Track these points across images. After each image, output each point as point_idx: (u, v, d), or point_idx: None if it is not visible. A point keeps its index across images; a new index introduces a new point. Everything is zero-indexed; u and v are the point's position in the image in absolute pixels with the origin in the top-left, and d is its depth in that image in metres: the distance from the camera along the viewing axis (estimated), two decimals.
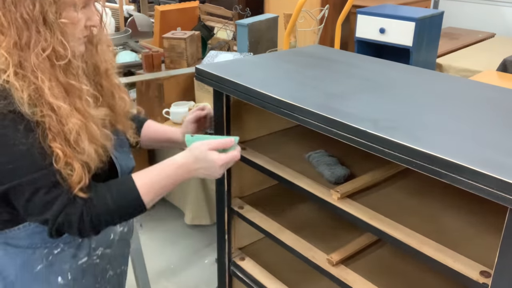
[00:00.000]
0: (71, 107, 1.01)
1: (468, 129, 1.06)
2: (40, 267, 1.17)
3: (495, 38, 4.22)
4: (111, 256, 1.29)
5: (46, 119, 0.98)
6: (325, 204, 1.28)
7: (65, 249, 1.18)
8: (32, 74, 0.97)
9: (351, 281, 1.29)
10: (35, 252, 1.16)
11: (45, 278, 1.18)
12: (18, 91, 0.96)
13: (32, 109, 0.97)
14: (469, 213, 1.23)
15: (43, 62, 0.98)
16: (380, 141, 1.00)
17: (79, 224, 1.03)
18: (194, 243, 2.84)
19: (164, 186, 1.12)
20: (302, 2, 2.69)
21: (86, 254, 1.22)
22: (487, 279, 0.98)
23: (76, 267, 1.21)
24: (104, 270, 1.28)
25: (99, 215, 1.05)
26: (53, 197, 1.01)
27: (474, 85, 1.41)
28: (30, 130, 0.98)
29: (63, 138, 1.00)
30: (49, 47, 0.98)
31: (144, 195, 1.09)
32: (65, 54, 1.00)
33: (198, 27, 3.29)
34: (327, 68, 1.49)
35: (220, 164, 1.13)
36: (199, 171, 1.14)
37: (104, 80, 1.20)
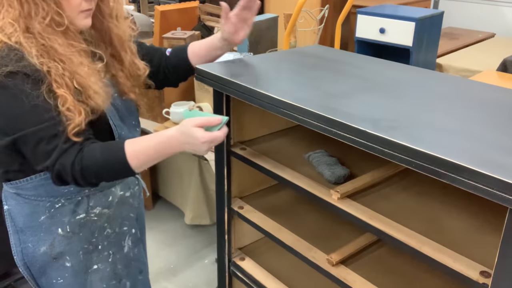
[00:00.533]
0: (76, 61, 1.18)
1: (468, 129, 1.06)
2: (43, 217, 1.33)
3: (495, 38, 4.22)
4: (109, 216, 1.41)
5: (53, 70, 1.14)
6: (325, 204, 1.27)
7: (65, 204, 1.33)
8: (39, 37, 1.15)
9: (351, 281, 1.29)
10: (39, 204, 1.32)
11: (47, 227, 1.34)
12: (26, 48, 1.13)
13: (40, 59, 1.13)
14: (469, 213, 1.23)
15: (45, 27, 1.16)
16: (380, 141, 1.00)
17: (72, 172, 1.15)
18: (194, 243, 2.84)
19: (151, 156, 1.20)
20: (302, 2, 2.69)
21: (84, 211, 1.36)
22: (487, 279, 0.98)
23: (74, 221, 1.35)
24: (102, 228, 1.41)
25: (88, 166, 1.16)
26: (52, 147, 1.15)
27: (474, 85, 1.41)
28: (36, 86, 1.13)
29: (67, 86, 1.15)
30: (48, 16, 1.16)
31: (130, 158, 1.17)
32: (62, 21, 1.17)
33: (198, 27, 3.30)
34: (327, 68, 1.49)
35: (202, 141, 1.16)
36: (185, 146, 1.19)
37: (121, 50, 1.35)
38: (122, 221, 1.46)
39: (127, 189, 1.46)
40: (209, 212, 2.68)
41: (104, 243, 1.43)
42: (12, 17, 1.15)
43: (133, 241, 1.52)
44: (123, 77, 1.37)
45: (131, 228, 1.50)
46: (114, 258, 1.46)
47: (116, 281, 1.48)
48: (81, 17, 1.23)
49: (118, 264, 1.48)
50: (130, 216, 1.49)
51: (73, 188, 1.32)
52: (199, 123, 1.17)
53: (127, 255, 1.51)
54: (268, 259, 1.72)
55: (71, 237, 1.36)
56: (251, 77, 1.38)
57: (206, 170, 2.56)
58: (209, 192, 2.63)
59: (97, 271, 1.43)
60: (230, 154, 1.55)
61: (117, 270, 1.48)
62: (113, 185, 1.41)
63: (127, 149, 1.18)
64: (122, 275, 1.49)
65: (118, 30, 1.34)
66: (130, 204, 1.49)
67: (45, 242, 1.35)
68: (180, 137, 1.18)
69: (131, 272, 1.53)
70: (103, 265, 1.44)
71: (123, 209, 1.46)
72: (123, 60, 1.37)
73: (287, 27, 2.87)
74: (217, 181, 1.63)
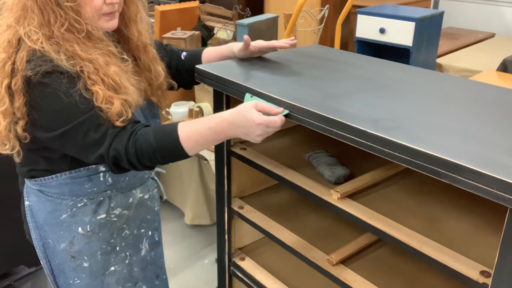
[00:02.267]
0: (105, 61, 1.20)
1: (468, 129, 1.06)
2: (65, 216, 1.35)
3: (495, 38, 4.22)
4: (128, 217, 1.43)
5: (85, 69, 1.16)
6: (325, 204, 1.28)
7: (87, 204, 1.35)
8: (62, 42, 1.17)
9: (351, 281, 1.29)
10: (62, 202, 1.34)
11: (68, 226, 1.36)
12: (53, 53, 1.15)
13: (70, 61, 1.15)
14: (469, 213, 1.23)
15: (65, 33, 1.17)
16: (380, 141, 1.00)
17: (127, 155, 1.16)
18: (194, 243, 2.84)
19: (205, 137, 1.18)
20: (302, 2, 2.69)
21: (105, 212, 1.37)
22: (487, 279, 0.98)
23: (95, 221, 1.37)
24: (121, 229, 1.42)
25: (142, 149, 1.16)
26: (102, 134, 1.16)
27: (474, 85, 1.41)
28: (72, 82, 1.15)
29: (102, 83, 1.17)
30: (66, 22, 1.17)
31: (183, 140, 1.17)
32: (81, 28, 1.18)
33: (198, 27, 3.30)
34: (327, 68, 1.49)
35: (257, 122, 1.13)
36: (239, 130, 1.16)
37: (142, 54, 1.37)
38: (140, 223, 1.48)
39: (147, 191, 1.48)
40: (209, 212, 2.68)
41: (122, 244, 1.44)
42: (35, 24, 1.17)
43: (150, 244, 1.53)
44: (144, 80, 1.38)
45: (148, 230, 1.51)
46: (131, 260, 1.47)
47: (131, 284, 1.48)
48: (104, 20, 1.24)
49: (135, 267, 1.48)
50: (147, 218, 1.50)
51: (96, 188, 1.33)
52: (260, 107, 1.16)
53: (144, 258, 1.51)
54: (268, 259, 1.72)
55: (90, 236, 1.37)
56: (251, 77, 1.38)
57: (206, 170, 2.55)
58: (209, 192, 2.63)
59: (114, 273, 1.44)
60: (230, 154, 1.55)
61: (133, 272, 1.48)
62: (134, 187, 1.43)
63: (180, 130, 1.17)
64: (138, 278, 1.49)
65: (137, 34, 1.35)
66: (148, 207, 1.50)
67: (65, 240, 1.37)
68: (236, 119, 1.16)
69: (148, 275, 1.53)
70: (120, 266, 1.44)
71: (142, 211, 1.47)
72: (144, 64, 1.38)
73: (287, 27, 2.87)
74: (217, 181, 1.63)
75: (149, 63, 1.38)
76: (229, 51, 1.54)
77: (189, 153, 1.19)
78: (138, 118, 1.31)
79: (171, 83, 1.51)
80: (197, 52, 1.57)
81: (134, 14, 1.34)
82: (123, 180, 1.38)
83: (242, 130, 1.16)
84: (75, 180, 1.30)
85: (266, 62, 1.51)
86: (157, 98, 1.43)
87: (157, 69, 1.40)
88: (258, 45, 1.48)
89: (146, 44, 1.38)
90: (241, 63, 1.49)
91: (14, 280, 2.42)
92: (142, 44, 1.36)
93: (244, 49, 1.49)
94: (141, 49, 1.36)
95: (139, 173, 1.41)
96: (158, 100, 1.44)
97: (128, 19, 1.33)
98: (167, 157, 1.20)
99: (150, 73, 1.39)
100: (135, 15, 1.34)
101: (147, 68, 1.38)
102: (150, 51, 1.39)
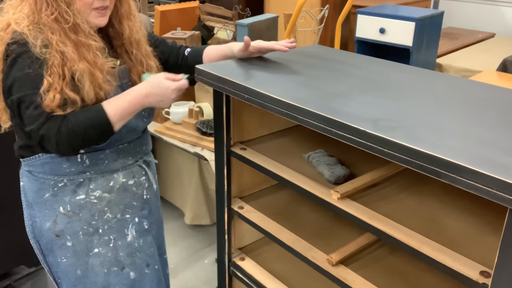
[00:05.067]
0: (79, 55, 1.29)
1: (467, 129, 1.06)
2: (48, 195, 1.43)
3: (495, 38, 4.23)
4: (110, 200, 1.48)
5: (52, 58, 1.26)
6: (325, 204, 1.28)
7: (67, 184, 1.43)
8: (44, 29, 1.27)
9: (350, 281, 1.29)
10: (45, 182, 1.43)
11: (51, 205, 1.44)
12: (30, 38, 1.26)
13: (43, 49, 1.26)
14: (469, 213, 1.23)
15: (51, 22, 1.28)
16: (380, 141, 1.00)
17: (57, 136, 1.25)
18: (194, 243, 2.84)
19: (126, 109, 1.31)
20: (302, 2, 2.69)
21: (84, 193, 1.44)
22: (487, 279, 0.98)
23: (75, 201, 1.44)
24: (102, 211, 1.47)
25: (74, 127, 1.26)
26: (38, 113, 1.25)
27: (474, 85, 1.41)
28: (36, 63, 1.26)
29: (60, 76, 1.26)
30: (55, 12, 1.27)
31: (109, 114, 1.29)
32: (69, 19, 1.28)
33: (198, 27, 3.30)
34: (327, 68, 1.49)
35: (172, 88, 1.32)
36: (154, 98, 1.33)
37: (134, 49, 1.45)
38: (124, 208, 1.51)
39: (131, 177, 1.52)
40: (209, 212, 2.68)
41: (104, 227, 1.48)
42: (26, 11, 1.29)
43: (138, 231, 1.54)
44: (135, 73, 1.46)
45: (134, 216, 1.53)
46: (116, 244, 1.50)
47: (118, 268, 1.50)
48: (94, 15, 1.33)
49: (120, 252, 1.51)
50: (133, 204, 1.53)
51: (74, 169, 1.41)
52: (168, 76, 1.34)
53: (131, 244, 1.53)
54: (268, 259, 1.72)
55: (71, 216, 1.44)
56: (251, 77, 1.38)
57: (206, 170, 2.56)
58: (209, 192, 2.63)
59: (98, 255, 1.48)
60: (230, 154, 1.55)
61: (119, 257, 1.50)
62: (116, 171, 1.48)
63: (105, 106, 1.30)
64: (124, 263, 1.51)
65: (129, 30, 1.44)
66: (134, 193, 1.53)
67: (50, 219, 1.44)
68: (151, 90, 1.32)
69: (136, 262, 1.54)
70: (104, 249, 1.48)
71: (126, 196, 1.51)
72: (137, 58, 1.46)
73: (287, 27, 2.87)
74: (217, 181, 1.63)
75: (141, 58, 1.47)
76: (229, 51, 1.56)
77: (115, 126, 1.31)
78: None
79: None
80: (199, 50, 1.62)
81: (126, 12, 1.43)
82: (102, 163, 1.44)
83: (158, 98, 1.33)
84: (55, 160, 1.39)
85: (266, 62, 1.51)
86: None
87: (149, 63, 1.49)
88: (258, 45, 1.50)
89: (139, 40, 1.47)
90: (241, 63, 1.50)
91: (14, 280, 2.42)
92: (135, 39, 1.45)
93: (243, 50, 1.51)
94: (133, 45, 1.45)
95: (120, 158, 1.47)
96: None
97: (121, 16, 1.43)
98: (97, 133, 1.29)
99: (142, 67, 1.47)
100: (128, 13, 1.44)
101: (139, 62, 1.46)
102: (142, 47, 1.48)
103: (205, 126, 2.56)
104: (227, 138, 1.54)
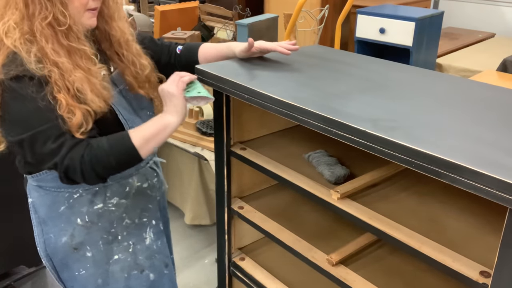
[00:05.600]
0: (73, 64, 1.21)
1: (468, 129, 1.06)
2: (63, 208, 1.38)
3: (495, 38, 4.23)
4: (127, 206, 1.45)
5: (52, 74, 1.18)
6: (325, 204, 1.28)
7: (83, 195, 1.38)
8: (38, 39, 1.19)
9: (351, 281, 1.29)
10: (59, 195, 1.37)
11: (67, 218, 1.39)
12: (24, 53, 1.17)
13: (38, 65, 1.17)
14: (469, 213, 1.23)
15: (45, 28, 1.19)
16: (380, 141, 1.00)
17: (81, 165, 1.19)
18: (194, 243, 2.84)
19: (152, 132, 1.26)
20: (302, 2, 2.69)
21: (102, 201, 1.40)
22: (487, 279, 0.98)
23: (93, 211, 1.39)
24: (120, 218, 1.44)
25: (97, 155, 1.20)
26: (59, 144, 1.19)
27: (474, 85, 1.41)
28: (40, 87, 1.18)
29: (67, 90, 1.19)
30: (50, 15, 1.18)
31: (134, 139, 1.23)
32: (65, 21, 1.20)
33: (198, 27, 3.30)
34: (327, 68, 1.49)
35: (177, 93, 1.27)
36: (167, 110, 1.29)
37: (125, 50, 1.39)
38: (141, 212, 1.49)
39: (145, 180, 1.49)
40: (209, 212, 2.68)
41: (123, 233, 1.45)
42: (15, 19, 1.19)
43: (155, 233, 1.54)
44: (129, 74, 1.41)
45: (151, 219, 1.53)
46: (135, 248, 1.48)
47: (138, 271, 1.49)
48: (87, 16, 1.27)
49: (140, 255, 1.49)
50: (149, 207, 1.52)
51: None
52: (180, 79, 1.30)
53: (150, 247, 1.52)
54: (268, 259, 1.72)
55: (90, 227, 1.40)
56: (251, 77, 1.38)
57: (206, 170, 2.55)
58: (209, 192, 2.63)
59: (118, 261, 1.46)
60: (230, 154, 1.55)
61: (138, 260, 1.49)
62: (130, 176, 1.44)
63: (130, 132, 1.25)
64: (144, 266, 1.50)
65: (118, 31, 1.38)
66: (149, 196, 1.51)
67: (66, 233, 1.39)
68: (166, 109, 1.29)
69: (155, 264, 1.53)
70: (124, 255, 1.46)
71: (141, 200, 1.49)
72: (128, 59, 1.40)
73: (287, 27, 2.87)
74: (217, 181, 1.63)
75: (132, 58, 1.41)
76: (229, 51, 1.54)
77: (141, 152, 1.24)
78: (122, 108, 1.36)
79: (160, 77, 1.52)
80: (193, 47, 1.57)
81: (113, 12, 1.37)
82: None
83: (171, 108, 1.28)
84: None
85: (266, 62, 1.51)
86: (145, 91, 1.45)
87: (141, 62, 1.43)
88: (260, 46, 1.48)
89: (128, 40, 1.41)
90: (241, 63, 1.49)
91: (14, 280, 2.42)
92: (124, 40, 1.39)
93: (246, 51, 1.49)
94: (123, 46, 1.39)
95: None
96: (146, 93, 1.45)
97: (109, 17, 1.36)
98: (121, 159, 1.24)
99: (135, 67, 1.41)
100: (115, 13, 1.37)
101: (131, 63, 1.41)
102: (132, 47, 1.42)
103: (205, 126, 2.56)
104: (227, 138, 1.54)
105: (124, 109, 1.36)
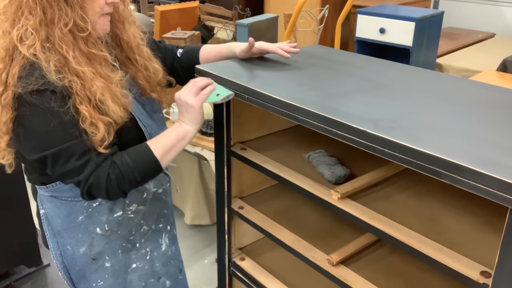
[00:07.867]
0: (94, 72, 1.17)
1: (468, 129, 1.06)
2: (82, 217, 1.35)
3: (495, 38, 4.23)
4: (145, 212, 1.44)
5: (73, 84, 1.13)
6: (325, 204, 1.27)
7: (102, 203, 1.35)
8: (57, 46, 1.13)
9: (351, 281, 1.29)
10: (77, 204, 1.33)
11: (86, 227, 1.35)
12: (44, 62, 1.11)
13: (59, 75, 1.12)
14: (469, 213, 1.22)
15: (66, 35, 1.13)
16: (380, 141, 1.00)
17: (107, 183, 1.18)
18: (194, 243, 2.84)
19: (171, 141, 1.25)
20: (302, 2, 2.69)
21: (121, 209, 1.38)
22: (487, 279, 0.98)
23: (112, 220, 1.37)
24: (139, 225, 1.43)
25: (122, 172, 1.19)
26: (84, 162, 1.16)
27: (474, 85, 1.41)
28: (63, 101, 1.13)
29: (88, 101, 1.15)
30: (71, 21, 1.13)
31: (155, 150, 1.23)
32: (85, 27, 1.15)
33: (198, 27, 3.30)
34: (327, 68, 1.49)
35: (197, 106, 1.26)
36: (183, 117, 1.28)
37: (137, 54, 1.37)
38: (157, 218, 1.49)
39: (160, 185, 1.48)
40: (209, 212, 2.68)
41: (141, 240, 1.45)
42: (32, 25, 1.11)
43: (170, 239, 1.54)
44: (141, 78, 1.38)
45: (166, 225, 1.53)
46: (152, 256, 1.48)
47: (154, 279, 1.49)
48: (102, 21, 1.23)
49: (156, 262, 1.49)
50: (164, 212, 1.52)
51: None
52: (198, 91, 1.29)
53: (165, 253, 1.52)
54: (268, 259, 1.72)
55: (109, 235, 1.38)
56: (251, 77, 1.38)
57: (206, 170, 2.56)
58: (209, 192, 2.63)
59: (136, 269, 1.45)
60: (230, 154, 1.55)
61: (155, 268, 1.48)
62: (147, 182, 1.41)
63: (150, 144, 1.24)
64: (160, 273, 1.50)
65: (130, 35, 1.36)
66: (163, 201, 1.51)
67: (84, 243, 1.36)
68: (184, 118, 1.27)
69: (171, 270, 1.53)
70: (142, 263, 1.45)
71: (157, 206, 1.48)
72: (141, 63, 1.38)
73: (287, 27, 2.87)
74: (217, 181, 1.63)
75: (145, 62, 1.39)
76: (229, 51, 1.53)
77: (162, 163, 1.24)
78: (140, 114, 1.33)
79: (169, 80, 1.51)
80: (194, 50, 1.56)
81: (125, 17, 1.34)
82: None
83: (186, 116, 1.27)
84: None
85: (265, 62, 1.51)
86: (157, 94, 1.44)
87: (154, 66, 1.42)
88: (261, 47, 1.47)
89: (139, 44, 1.39)
90: (241, 63, 1.49)
91: (14, 280, 2.42)
92: (135, 44, 1.37)
93: (247, 51, 1.48)
94: (135, 50, 1.37)
95: None
96: (158, 96, 1.45)
97: (122, 23, 1.33)
98: (145, 173, 1.23)
99: (148, 72, 1.39)
100: (127, 18, 1.35)
101: (144, 67, 1.39)
102: (143, 51, 1.40)
103: (205, 126, 2.56)
104: (227, 138, 1.53)
105: (141, 114, 1.35)
